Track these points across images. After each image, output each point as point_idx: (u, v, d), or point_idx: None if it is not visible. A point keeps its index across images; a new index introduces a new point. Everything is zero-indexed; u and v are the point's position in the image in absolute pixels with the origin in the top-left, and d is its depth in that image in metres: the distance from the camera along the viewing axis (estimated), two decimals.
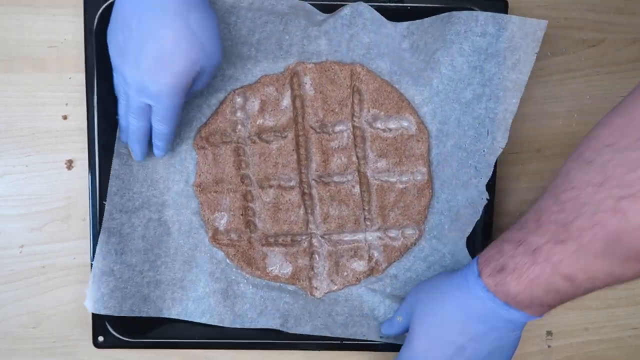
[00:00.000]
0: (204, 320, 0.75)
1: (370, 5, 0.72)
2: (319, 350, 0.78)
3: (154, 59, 0.62)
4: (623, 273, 0.55)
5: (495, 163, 0.75)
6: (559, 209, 0.56)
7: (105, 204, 0.73)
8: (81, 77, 0.73)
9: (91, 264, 0.73)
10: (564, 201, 0.55)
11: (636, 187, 0.50)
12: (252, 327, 0.75)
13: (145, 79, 0.63)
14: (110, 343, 0.76)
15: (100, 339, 0.75)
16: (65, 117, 0.76)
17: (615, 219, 0.51)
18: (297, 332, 0.75)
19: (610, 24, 0.78)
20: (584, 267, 0.56)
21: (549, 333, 0.82)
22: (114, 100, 0.71)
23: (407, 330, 0.71)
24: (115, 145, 0.72)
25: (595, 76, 0.79)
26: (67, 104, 0.76)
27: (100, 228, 0.73)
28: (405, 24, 0.73)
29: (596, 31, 0.78)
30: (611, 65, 0.79)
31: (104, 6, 0.71)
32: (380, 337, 0.76)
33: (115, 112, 0.72)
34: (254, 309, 0.75)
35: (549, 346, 0.82)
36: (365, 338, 0.76)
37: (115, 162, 0.73)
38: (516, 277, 0.59)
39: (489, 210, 0.76)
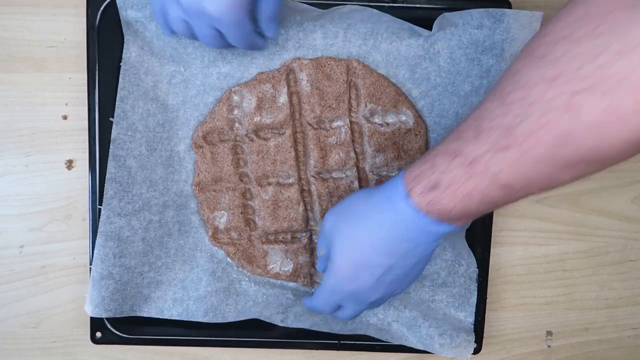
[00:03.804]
0: (206, 320, 0.74)
1: (369, 5, 0.73)
2: (319, 349, 0.78)
3: None
4: (560, 177, 0.51)
5: None
6: (503, 112, 0.50)
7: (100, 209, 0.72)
8: (81, 77, 0.74)
9: (90, 265, 0.74)
10: (510, 103, 0.50)
11: (592, 80, 0.45)
12: (254, 317, 0.74)
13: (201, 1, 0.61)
14: (108, 339, 0.76)
15: (98, 334, 0.76)
16: (65, 117, 0.76)
17: (567, 116, 0.46)
18: (297, 327, 0.74)
19: None
20: (523, 174, 0.51)
21: (549, 333, 0.81)
22: (114, 99, 0.72)
23: None
24: (110, 147, 0.72)
25: None
26: (67, 104, 0.76)
27: None
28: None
29: None
30: None
31: (106, 2, 0.72)
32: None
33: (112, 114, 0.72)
34: (256, 306, 0.75)
35: (549, 346, 0.82)
36: (364, 333, 0.76)
37: (111, 165, 0.72)
38: (451, 193, 0.54)
39: None
